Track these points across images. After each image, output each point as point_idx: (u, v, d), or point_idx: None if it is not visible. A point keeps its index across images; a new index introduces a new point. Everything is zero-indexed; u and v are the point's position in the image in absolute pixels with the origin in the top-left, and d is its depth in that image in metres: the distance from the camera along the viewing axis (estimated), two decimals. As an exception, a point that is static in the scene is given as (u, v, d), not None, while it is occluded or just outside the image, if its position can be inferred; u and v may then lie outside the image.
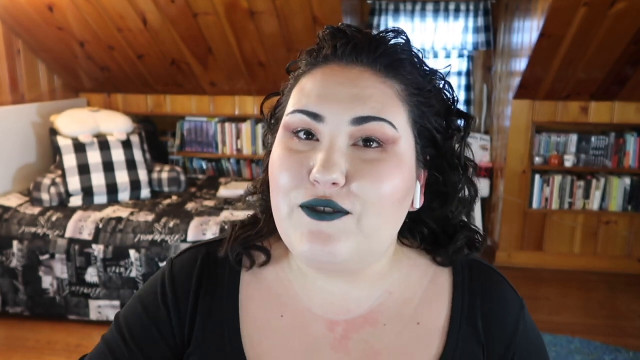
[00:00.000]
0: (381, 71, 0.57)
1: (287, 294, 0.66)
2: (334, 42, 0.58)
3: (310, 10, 2.88)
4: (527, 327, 0.68)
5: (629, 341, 2.65)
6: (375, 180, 0.54)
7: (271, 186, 0.59)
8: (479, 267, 0.69)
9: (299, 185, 0.55)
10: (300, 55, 0.64)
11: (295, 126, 0.57)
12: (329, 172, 0.52)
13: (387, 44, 0.59)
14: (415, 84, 0.59)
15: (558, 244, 3.61)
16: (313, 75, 0.58)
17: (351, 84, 0.56)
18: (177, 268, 0.68)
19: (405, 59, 0.59)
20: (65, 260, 2.67)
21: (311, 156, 0.55)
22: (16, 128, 3.17)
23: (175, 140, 3.89)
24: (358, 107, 0.55)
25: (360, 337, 0.64)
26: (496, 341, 0.66)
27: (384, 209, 0.55)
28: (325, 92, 0.56)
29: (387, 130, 0.55)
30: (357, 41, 0.58)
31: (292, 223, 0.56)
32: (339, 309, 0.64)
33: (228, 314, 0.65)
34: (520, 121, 3.50)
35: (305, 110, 0.56)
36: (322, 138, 0.55)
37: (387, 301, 0.65)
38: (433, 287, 0.67)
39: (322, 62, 0.59)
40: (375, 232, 0.56)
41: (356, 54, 0.57)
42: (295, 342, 0.64)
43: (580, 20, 2.65)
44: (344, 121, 0.55)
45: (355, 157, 0.55)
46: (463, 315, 0.65)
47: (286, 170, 0.56)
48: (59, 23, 3.13)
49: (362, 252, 0.57)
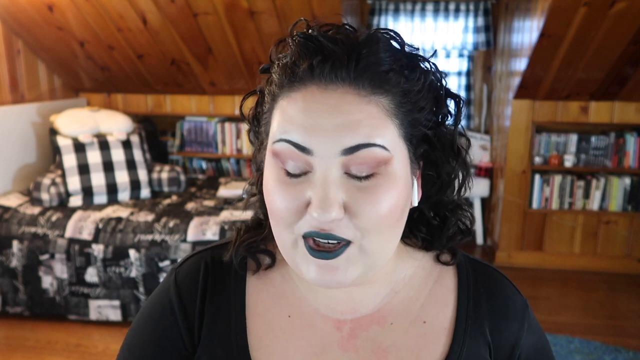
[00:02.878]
0: (365, 89, 0.53)
1: (293, 295, 0.66)
2: (310, 59, 0.53)
3: (310, 10, 2.88)
4: (532, 327, 0.69)
5: (629, 341, 2.65)
6: (373, 207, 0.53)
7: (270, 214, 0.58)
8: (483, 269, 0.70)
9: (299, 217, 0.55)
10: (272, 59, 0.60)
11: (284, 156, 0.54)
12: (327, 211, 0.52)
13: (367, 54, 0.53)
14: (402, 92, 0.55)
15: (558, 244, 3.61)
16: (293, 100, 0.54)
17: (336, 110, 0.52)
18: (181, 277, 0.69)
19: (390, 69, 0.54)
20: (65, 260, 2.67)
21: (306, 188, 0.54)
22: (16, 128, 3.17)
23: (175, 140, 3.89)
24: (347, 136, 0.52)
25: (368, 336, 0.64)
26: (502, 341, 0.66)
27: (384, 229, 0.55)
28: (310, 123, 0.53)
29: (379, 155, 0.53)
30: (334, 57, 0.53)
31: (298, 253, 0.57)
32: (345, 309, 0.65)
33: (235, 316, 0.66)
34: (520, 121, 3.50)
35: (292, 141, 0.53)
36: (314, 170, 0.54)
37: (393, 300, 0.66)
38: (438, 288, 0.68)
39: (299, 82, 0.54)
40: (379, 251, 0.57)
41: (335, 72, 0.53)
42: (303, 342, 0.64)
43: (580, 20, 2.65)
44: (334, 153, 0.52)
45: (351, 187, 0.53)
46: (469, 315, 0.66)
47: (283, 204, 0.55)
48: (59, 23, 3.13)
49: (368, 271, 0.58)
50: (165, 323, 0.67)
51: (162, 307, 0.68)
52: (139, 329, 0.69)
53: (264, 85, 0.61)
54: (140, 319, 0.70)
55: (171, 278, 0.69)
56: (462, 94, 4.15)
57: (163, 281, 0.70)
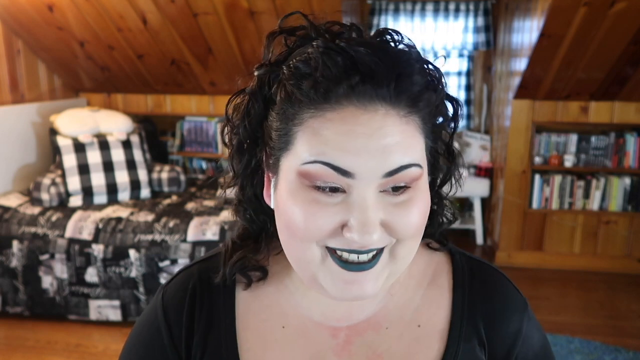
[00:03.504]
0: (403, 109, 0.52)
1: (287, 304, 0.66)
2: (347, 78, 0.50)
3: (311, 10, 2.86)
4: (531, 328, 0.67)
5: (629, 341, 2.65)
6: (408, 219, 0.54)
7: (291, 231, 0.55)
8: (480, 266, 0.69)
9: (331, 236, 0.53)
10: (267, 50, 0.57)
11: (319, 178, 0.52)
12: (369, 234, 0.51)
13: (404, 74, 0.52)
14: (430, 106, 0.55)
15: (558, 244, 3.61)
16: (329, 121, 0.51)
17: (379, 134, 0.51)
18: (167, 297, 0.68)
19: (424, 88, 0.53)
20: (65, 260, 2.67)
21: (342, 210, 0.52)
22: (16, 128, 3.17)
23: (175, 140, 3.89)
24: (390, 159, 0.51)
25: (363, 342, 0.64)
26: (498, 342, 0.65)
27: (415, 236, 0.56)
28: (354, 146, 0.50)
29: (414, 173, 0.53)
30: (375, 77, 0.50)
31: (323, 269, 0.55)
32: (341, 316, 0.64)
33: (225, 332, 0.65)
34: (520, 121, 3.50)
35: (331, 164, 0.51)
36: (351, 192, 0.52)
37: (388, 304, 0.65)
38: (433, 289, 0.67)
39: (335, 102, 0.51)
40: (406, 257, 0.57)
41: (376, 92, 0.51)
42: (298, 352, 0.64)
43: (580, 20, 2.65)
44: (376, 176, 0.51)
45: (387, 204, 0.53)
46: (464, 316, 0.65)
47: (315, 224, 0.53)
48: (59, 23, 3.13)
49: (390, 279, 0.58)
50: (153, 344, 0.66)
51: (150, 329, 0.67)
52: (130, 352, 0.68)
53: (263, 88, 0.58)
54: (130, 342, 0.69)
55: (159, 298, 0.68)
56: (462, 94, 4.16)
57: (152, 300, 0.70)
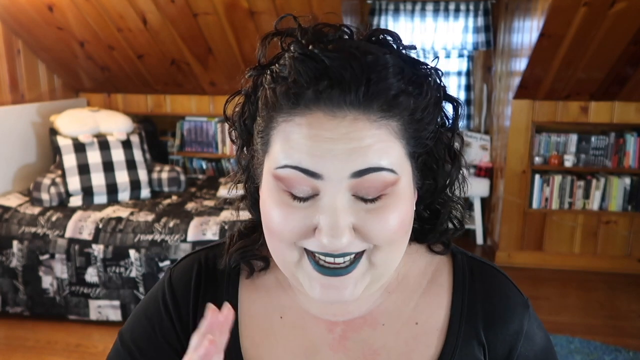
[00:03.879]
0: (375, 114, 0.51)
1: (286, 296, 0.67)
2: (315, 83, 0.50)
3: (310, 10, 2.88)
4: (532, 328, 0.67)
5: (629, 341, 2.65)
6: (382, 226, 0.53)
7: (268, 231, 0.56)
8: (481, 266, 0.68)
9: (305, 238, 0.54)
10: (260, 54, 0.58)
11: (290, 182, 0.52)
12: (337, 238, 0.51)
13: (377, 79, 0.50)
14: (410, 110, 0.53)
15: (558, 244, 3.61)
16: (297, 125, 0.52)
17: (346, 138, 0.50)
18: (175, 276, 0.70)
19: (399, 92, 0.52)
20: (65, 260, 2.67)
21: (313, 213, 0.53)
22: (16, 128, 3.17)
23: (175, 140, 3.89)
24: (358, 160, 0.51)
25: (359, 337, 0.64)
26: (498, 342, 0.65)
27: (393, 244, 0.55)
28: (320, 149, 0.51)
29: (387, 178, 0.52)
30: (343, 83, 0.50)
31: (301, 270, 0.56)
32: (338, 311, 0.65)
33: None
34: (520, 121, 3.50)
35: (300, 167, 0.51)
36: (322, 194, 0.52)
37: (386, 301, 0.65)
38: (432, 287, 0.67)
39: (304, 107, 0.51)
40: (387, 264, 0.57)
41: (344, 98, 0.50)
42: (294, 343, 0.65)
43: (580, 20, 2.65)
44: (343, 176, 0.51)
45: (359, 210, 0.53)
46: (463, 316, 0.65)
47: (288, 227, 0.53)
48: (59, 23, 3.13)
49: (375, 284, 0.58)
50: (159, 320, 0.68)
51: (157, 305, 0.69)
52: (134, 327, 0.70)
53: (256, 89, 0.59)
54: (135, 316, 0.71)
55: (166, 277, 0.71)
56: (462, 94, 4.16)
57: (159, 280, 0.72)
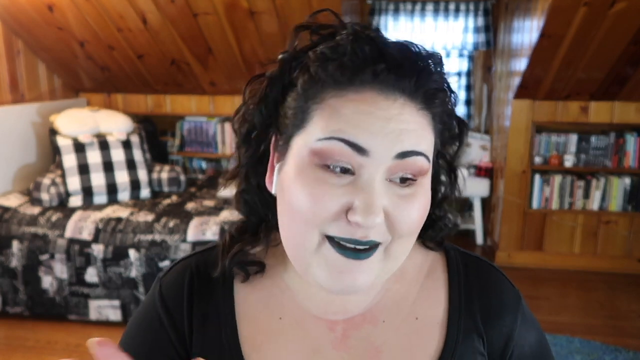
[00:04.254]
0: (420, 102, 0.55)
1: (283, 296, 0.66)
2: (374, 64, 0.53)
3: (310, 10, 2.87)
4: (525, 319, 0.68)
5: (629, 341, 2.65)
6: (409, 213, 0.55)
7: (293, 214, 0.55)
8: (474, 261, 0.70)
9: (333, 219, 0.53)
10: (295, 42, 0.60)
11: (332, 155, 0.53)
12: (372, 218, 0.52)
13: (426, 70, 0.55)
14: (443, 112, 0.58)
15: (558, 244, 3.61)
16: (351, 101, 0.53)
17: (397, 119, 0.53)
18: (165, 287, 0.68)
19: (440, 88, 0.56)
20: (65, 260, 2.67)
21: (348, 192, 0.53)
22: (16, 128, 3.18)
23: (175, 140, 3.89)
24: (404, 142, 0.53)
25: (361, 335, 0.64)
26: (495, 334, 0.66)
27: (412, 235, 0.57)
28: (374, 125, 0.52)
29: (423, 164, 0.55)
30: (400, 68, 0.54)
31: (318, 256, 0.55)
32: (337, 309, 0.65)
33: (225, 320, 0.65)
34: (520, 121, 3.50)
35: (348, 140, 0.52)
36: (361, 173, 0.53)
37: (384, 298, 0.66)
38: (429, 283, 0.68)
39: (359, 85, 0.54)
40: (400, 255, 0.58)
41: (399, 82, 0.54)
42: (296, 344, 0.64)
43: (580, 20, 2.65)
44: (389, 156, 0.53)
45: (392, 194, 0.54)
46: (461, 309, 0.66)
47: (320, 204, 0.53)
48: (59, 23, 3.13)
49: (382, 276, 0.58)
50: (154, 335, 0.66)
51: (150, 319, 0.67)
52: (129, 343, 0.68)
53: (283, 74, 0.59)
54: (129, 333, 0.69)
55: (156, 289, 0.68)
56: (462, 94, 4.16)
57: (149, 292, 0.70)
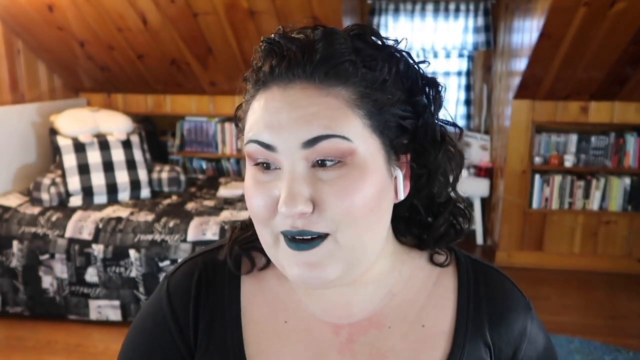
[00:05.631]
0: (322, 82, 0.54)
1: (289, 299, 0.66)
2: (270, 61, 0.56)
3: (311, 10, 2.88)
4: (535, 329, 0.67)
5: (629, 341, 2.65)
6: (342, 198, 0.53)
7: (250, 214, 0.59)
8: (485, 270, 0.69)
9: (274, 215, 0.55)
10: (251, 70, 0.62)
11: (255, 156, 0.56)
12: (293, 205, 0.52)
13: (322, 49, 0.54)
14: (365, 82, 0.55)
15: (558, 244, 3.61)
16: (258, 101, 0.57)
17: (293, 106, 0.53)
18: (173, 285, 0.68)
19: (346, 60, 0.54)
20: (65, 260, 2.67)
21: (277, 185, 0.55)
22: (16, 128, 3.17)
23: (175, 140, 3.89)
24: (304, 129, 0.53)
25: (366, 340, 0.63)
26: (504, 344, 0.65)
27: (358, 221, 0.54)
28: (270, 120, 0.54)
29: (340, 146, 0.53)
30: (290, 56, 0.55)
31: (279, 251, 0.57)
32: (342, 313, 0.64)
33: (231, 323, 0.65)
34: (520, 121, 3.50)
35: (257, 140, 0.55)
36: (282, 166, 0.55)
37: (390, 303, 0.65)
38: (437, 290, 0.67)
39: (263, 85, 0.57)
40: (356, 245, 0.56)
41: (292, 70, 0.54)
42: (301, 348, 0.64)
43: (580, 20, 2.65)
44: (295, 147, 0.53)
45: (317, 180, 0.54)
46: (469, 318, 0.65)
47: (258, 202, 0.56)
48: (59, 23, 3.13)
49: (351, 268, 0.57)
50: (159, 334, 0.66)
51: (155, 318, 0.67)
52: (134, 342, 0.68)
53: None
54: (134, 331, 0.69)
55: (163, 287, 0.68)
56: (462, 94, 4.16)
57: (156, 290, 0.70)
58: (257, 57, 0.59)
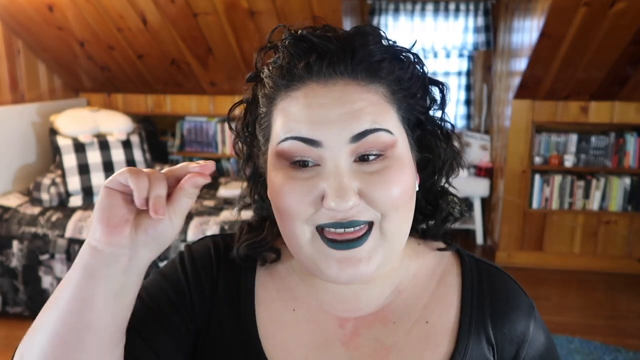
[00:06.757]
0: (363, 79, 0.56)
1: (298, 289, 0.67)
2: (306, 58, 0.56)
3: (311, 10, 2.88)
4: (537, 330, 0.68)
5: (629, 341, 2.65)
6: (387, 188, 0.55)
7: (281, 214, 0.57)
8: (488, 269, 0.70)
9: (314, 210, 0.55)
10: (258, 63, 0.62)
11: (292, 154, 0.55)
12: (344, 200, 0.53)
13: (360, 47, 0.56)
14: (396, 80, 0.58)
15: (558, 244, 3.61)
16: (294, 99, 0.56)
17: (339, 102, 0.55)
18: (195, 249, 0.70)
19: (383, 58, 0.57)
20: (65, 260, 2.67)
21: (318, 182, 0.54)
22: (16, 128, 3.17)
23: (175, 140, 3.89)
24: (353, 124, 0.54)
25: (371, 334, 0.65)
26: (506, 343, 0.66)
27: (399, 210, 0.57)
28: (316, 116, 0.54)
29: (385, 138, 0.55)
30: (330, 53, 0.55)
31: (316, 250, 0.57)
32: (349, 307, 0.65)
33: (244, 303, 0.66)
34: (520, 121, 3.50)
35: (300, 137, 0.55)
36: (325, 163, 0.55)
37: (397, 300, 0.66)
38: (442, 288, 0.68)
39: (298, 81, 0.56)
40: (397, 233, 0.58)
41: (333, 67, 0.55)
42: (307, 337, 0.65)
43: (580, 20, 2.65)
44: (342, 142, 0.54)
45: (362, 173, 0.55)
46: (473, 316, 0.65)
47: (298, 200, 0.55)
48: (59, 23, 3.13)
49: (387, 259, 0.58)
50: (179, 285, 0.66)
51: (176, 278, 0.67)
52: (154, 282, 0.68)
53: (257, 91, 0.62)
54: (155, 279, 0.68)
55: (186, 252, 0.70)
56: (462, 94, 4.16)
57: (172, 259, 0.71)
58: (282, 53, 0.58)
